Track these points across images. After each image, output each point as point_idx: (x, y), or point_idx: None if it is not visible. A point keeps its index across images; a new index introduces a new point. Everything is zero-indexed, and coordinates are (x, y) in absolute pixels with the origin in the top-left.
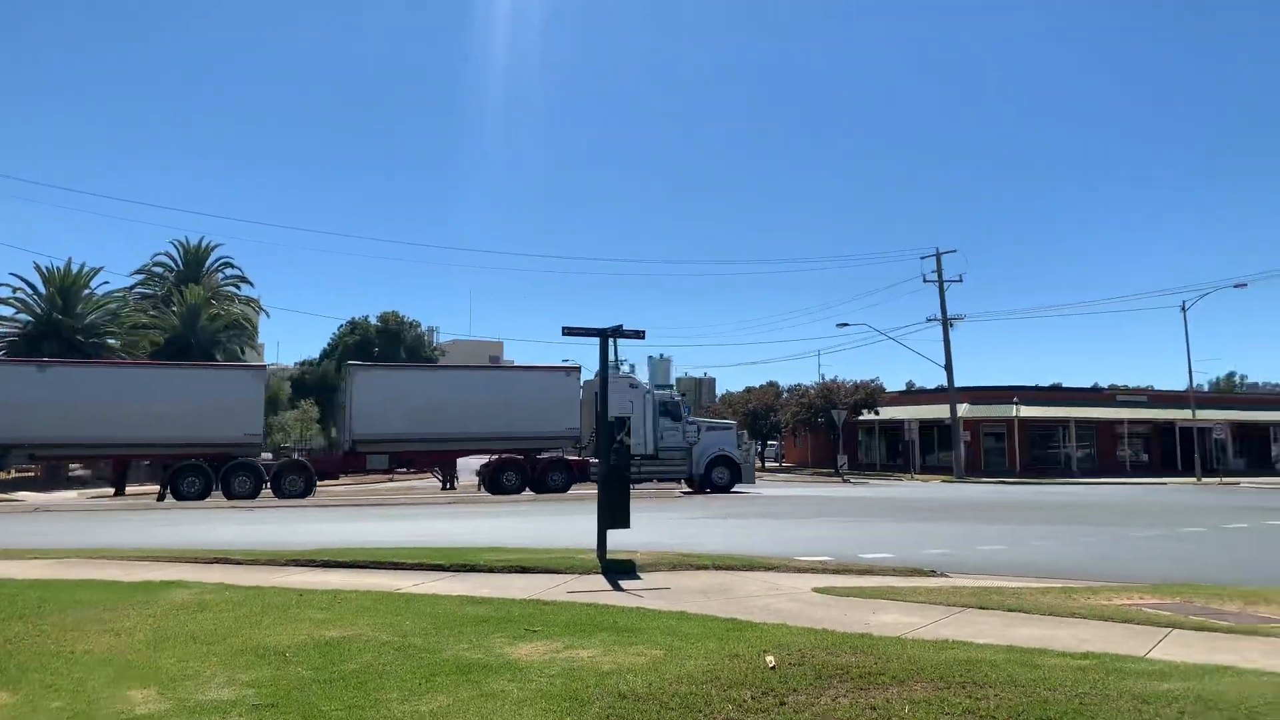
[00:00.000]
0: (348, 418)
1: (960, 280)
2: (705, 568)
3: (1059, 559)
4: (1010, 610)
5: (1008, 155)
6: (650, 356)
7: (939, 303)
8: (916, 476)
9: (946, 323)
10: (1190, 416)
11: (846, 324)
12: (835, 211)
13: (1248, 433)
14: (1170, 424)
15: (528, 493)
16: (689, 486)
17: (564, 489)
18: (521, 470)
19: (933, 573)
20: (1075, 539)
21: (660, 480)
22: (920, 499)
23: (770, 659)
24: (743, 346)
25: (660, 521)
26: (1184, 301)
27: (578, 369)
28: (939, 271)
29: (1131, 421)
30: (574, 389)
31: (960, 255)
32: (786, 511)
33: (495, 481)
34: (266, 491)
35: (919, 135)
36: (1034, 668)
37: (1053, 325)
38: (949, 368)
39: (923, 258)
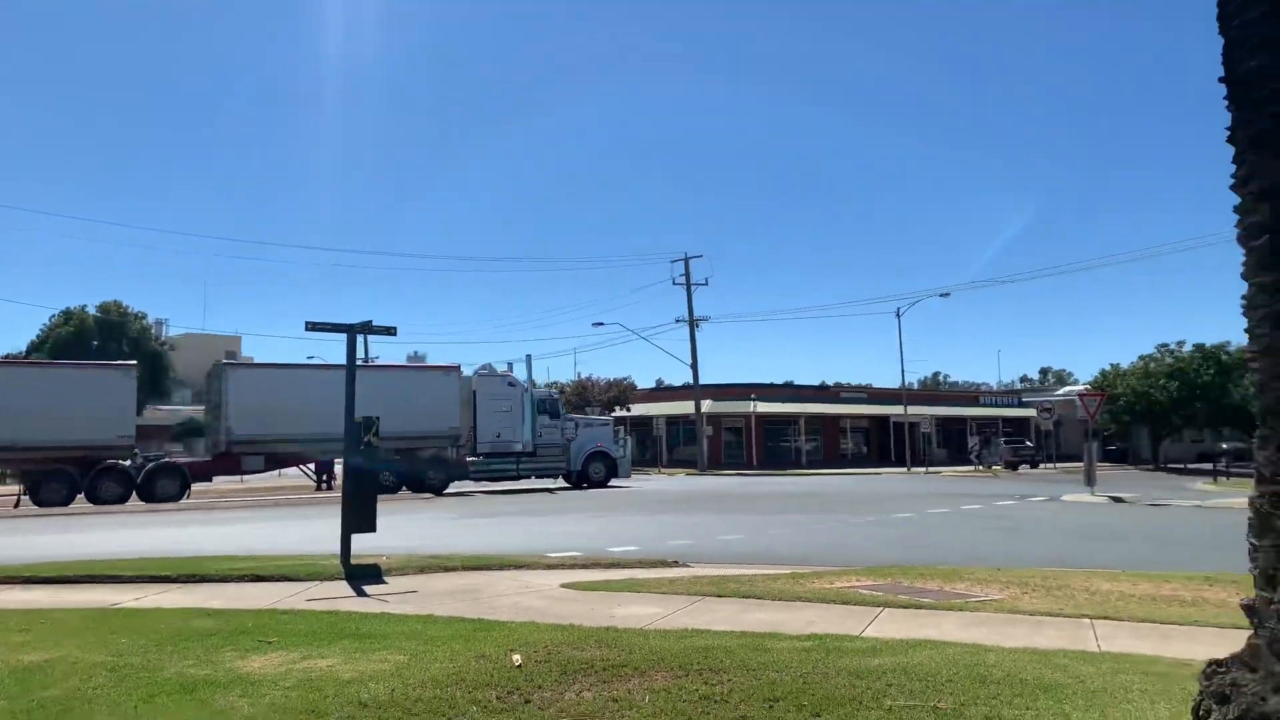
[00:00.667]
0: (223, 418)
1: (706, 283)
2: (455, 569)
3: (791, 546)
4: (745, 597)
5: (751, 163)
6: (528, 355)
7: (686, 304)
8: (664, 470)
9: (693, 324)
10: (903, 412)
11: (601, 323)
12: (597, 211)
13: (948, 426)
14: (886, 419)
15: (405, 492)
16: (567, 482)
17: (441, 488)
18: (397, 469)
19: (676, 563)
20: (805, 527)
21: (539, 476)
22: (668, 492)
23: (517, 657)
24: (502, 345)
25: (419, 523)
26: (898, 308)
27: (457, 368)
28: (687, 275)
29: (853, 417)
30: (454, 388)
31: (707, 260)
32: (538, 509)
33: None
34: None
35: (675, 136)
36: (765, 651)
37: (787, 326)
38: (694, 366)
39: (673, 261)
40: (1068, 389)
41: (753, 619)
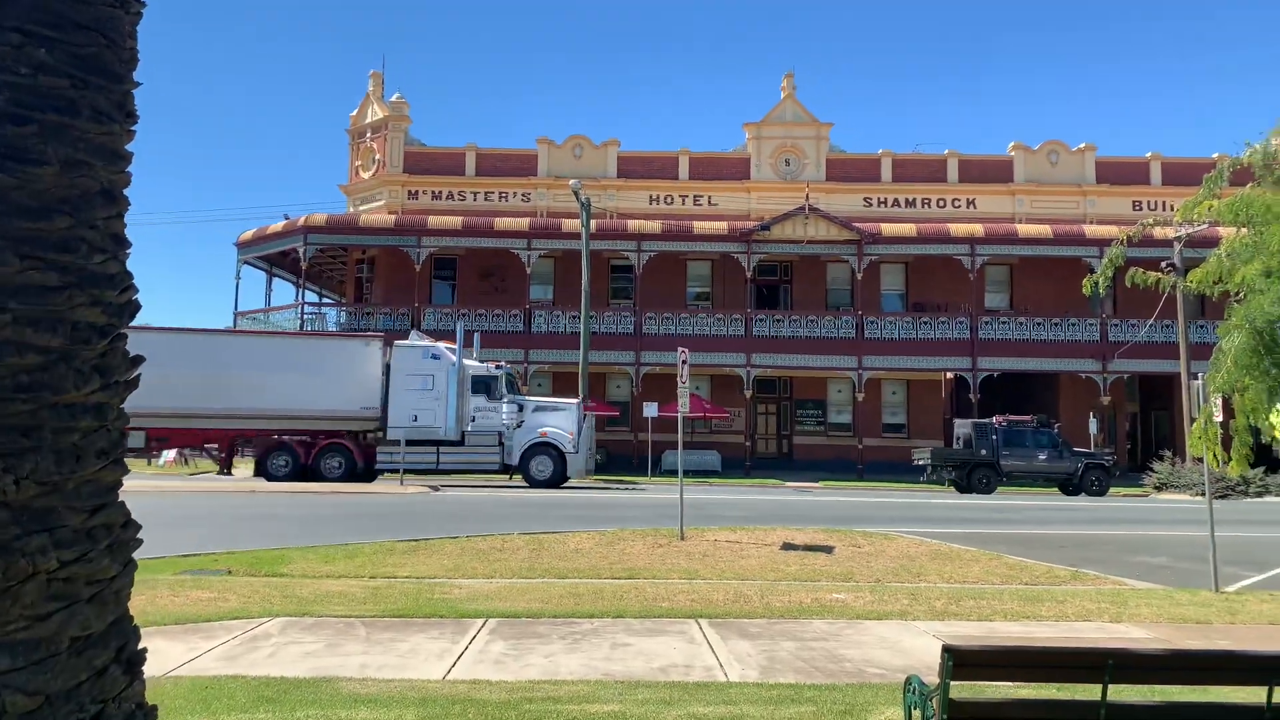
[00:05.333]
0: None
1: None
2: None
3: None
4: None
5: None
6: (459, 322)
7: None
8: None
9: None
10: None
11: None
12: None
13: None
14: None
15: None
16: (526, 480)
17: (343, 478)
18: (294, 455)
19: None
20: None
21: (467, 470)
22: None
23: None
24: None
25: None
26: None
27: (380, 336)
28: None
29: None
30: (374, 360)
31: None
32: None
33: (263, 467)
34: None
35: None
36: None
37: None
38: None
39: None
40: None
41: None
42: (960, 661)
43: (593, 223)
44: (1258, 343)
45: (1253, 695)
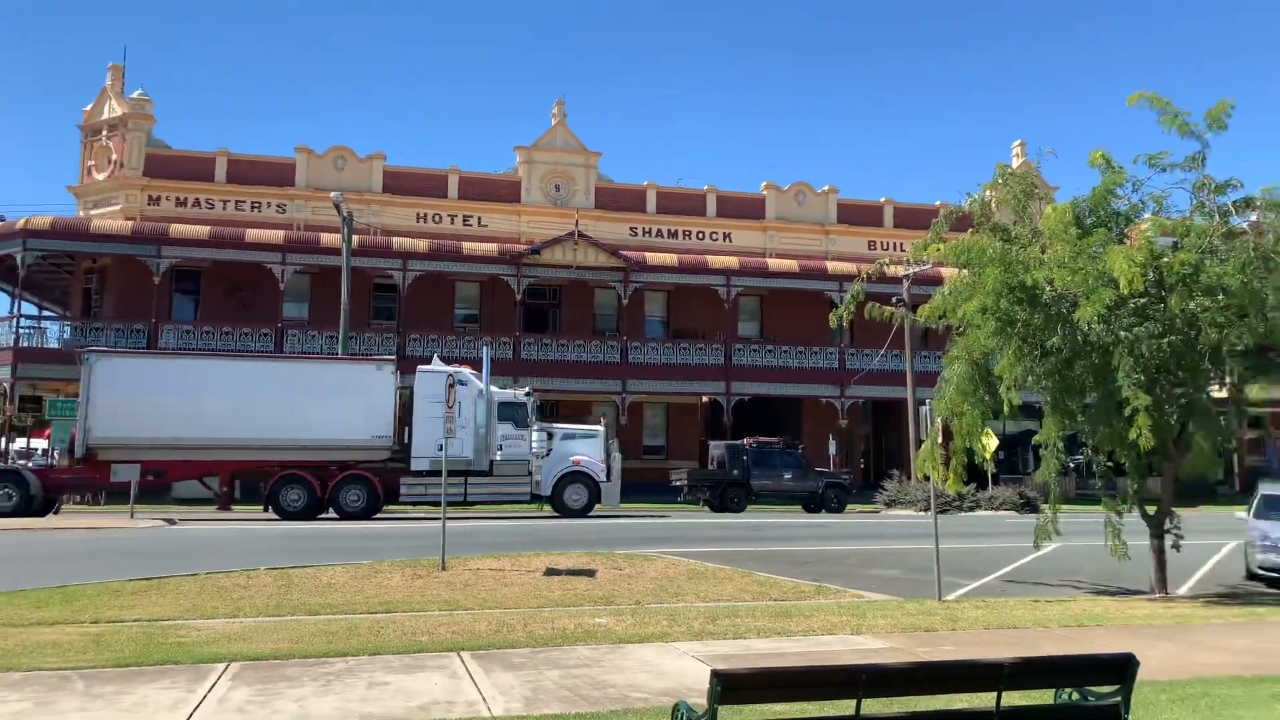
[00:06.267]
0: (85, 416)
1: None
2: None
3: None
4: None
5: None
6: (484, 347)
7: None
8: None
9: None
10: None
11: None
12: None
13: None
14: None
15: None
16: (557, 511)
17: (365, 513)
18: (308, 487)
19: None
20: None
21: (495, 501)
22: None
23: None
24: None
25: None
26: None
27: (391, 360)
28: None
29: None
30: (385, 385)
31: None
32: None
33: (275, 501)
34: None
35: None
36: None
37: None
38: None
39: None
40: None
41: None
42: (729, 685)
43: (355, 238)
44: (975, 372)
45: (979, 700)
